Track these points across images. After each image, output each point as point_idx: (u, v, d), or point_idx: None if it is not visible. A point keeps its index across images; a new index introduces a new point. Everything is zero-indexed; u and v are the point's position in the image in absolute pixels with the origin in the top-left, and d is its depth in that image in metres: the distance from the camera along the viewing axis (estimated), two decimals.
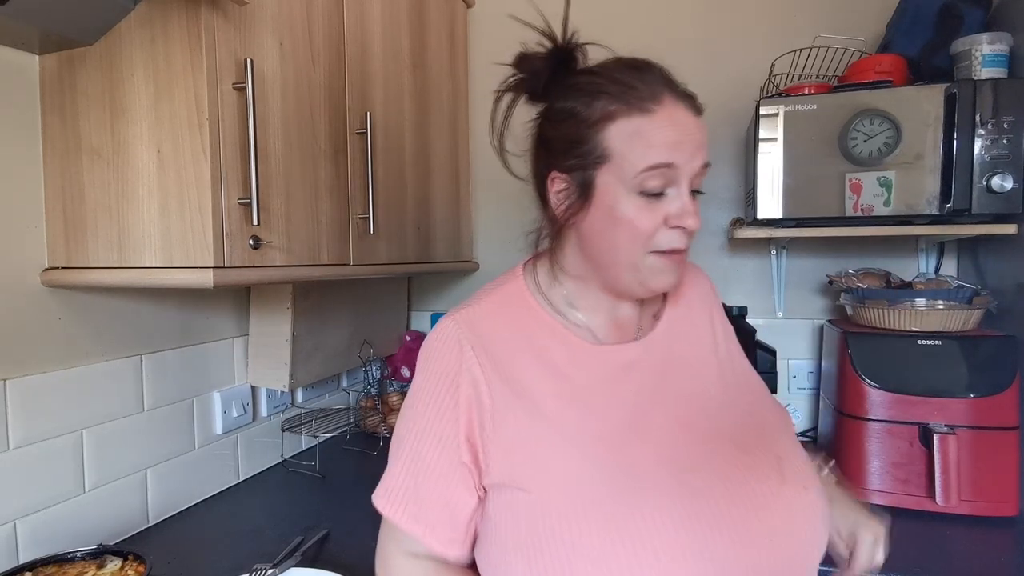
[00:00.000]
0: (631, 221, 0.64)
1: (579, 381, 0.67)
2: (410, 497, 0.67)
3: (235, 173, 0.91)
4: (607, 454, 0.63)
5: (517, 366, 0.68)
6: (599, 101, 0.65)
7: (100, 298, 1.08)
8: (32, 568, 0.89)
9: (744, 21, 1.62)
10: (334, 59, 1.15)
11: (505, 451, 0.64)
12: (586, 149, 0.66)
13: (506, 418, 0.65)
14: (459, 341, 0.68)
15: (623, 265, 0.66)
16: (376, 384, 1.81)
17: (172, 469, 1.23)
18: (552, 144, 0.70)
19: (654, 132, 0.63)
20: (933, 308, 1.24)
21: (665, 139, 0.63)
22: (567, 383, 0.67)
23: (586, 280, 0.72)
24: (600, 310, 0.73)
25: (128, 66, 0.91)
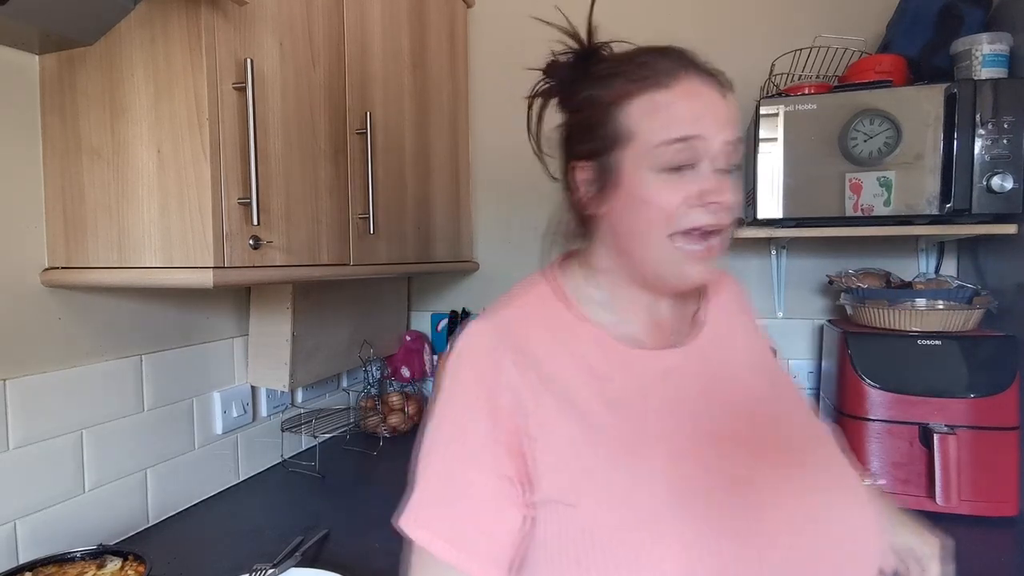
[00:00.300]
0: (653, 199, 0.61)
1: (619, 387, 0.63)
2: (445, 520, 0.60)
3: (235, 173, 0.91)
4: (656, 464, 0.59)
5: (558, 371, 0.63)
6: (615, 82, 0.63)
7: (100, 298, 1.08)
8: (32, 568, 0.89)
9: (744, 21, 1.62)
10: (334, 59, 1.15)
11: (555, 462, 0.59)
12: (605, 131, 0.64)
13: (554, 426, 0.60)
14: (495, 346, 0.64)
15: (653, 250, 0.63)
16: (376, 384, 1.81)
17: (172, 469, 1.23)
18: (573, 133, 0.69)
19: (673, 105, 0.61)
20: (933, 308, 1.24)
21: (685, 111, 0.61)
22: (607, 389, 0.63)
23: (619, 276, 0.68)
24: (636, 310, 0.69)
25: (128, 66, 0.91)
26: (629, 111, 0.62)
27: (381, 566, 1.02)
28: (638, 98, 0.62)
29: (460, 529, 0.59)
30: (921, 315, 1.25)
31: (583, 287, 0.70)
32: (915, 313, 1.25)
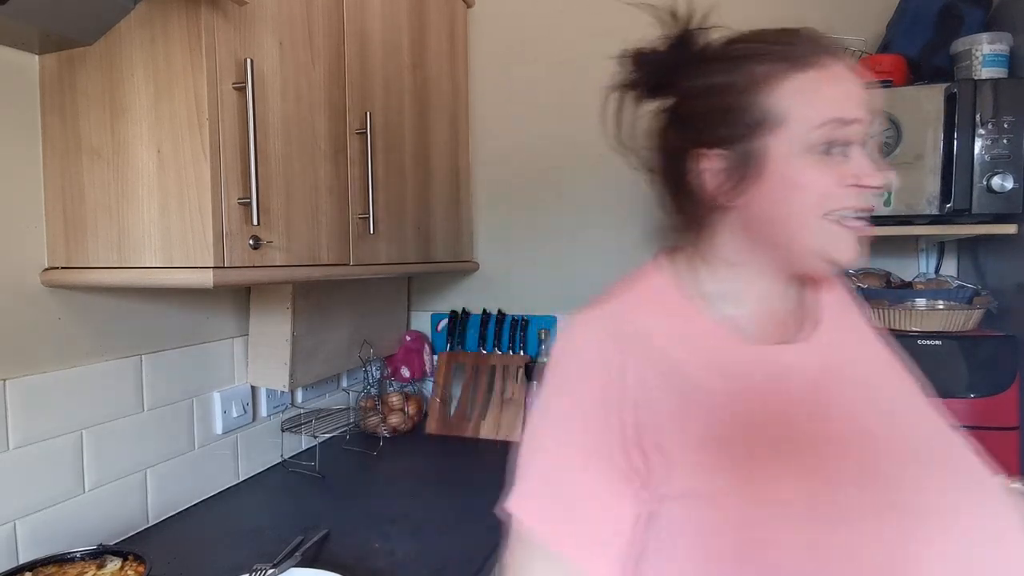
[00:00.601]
0: (809, 183, 0.58)
1: (745, 381, 0.60)
2: (557, 509, 0.58)
3: (235, 173, 0.91)
4: (792, 457, 0.56)
5: (679, 364, 0.60)
6: (759, 65, 0.60)
7: (100, 298, 1.08)
8: (32, 568, 0.89)
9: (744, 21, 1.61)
10: (334, 59, 1.15)
11: (683, 455, 0.57)
12: (747, 117, 0.60)
13: (679, 419, 0.58)
14: (614, 335, 0.61)
15: (806, 235, 0.60)
16: (376, 384, 1.81)
17: (172, 469, 1.23)
18: (695, 121, 0.64)
19: (829, 85, 0.58)
20: (933, 308, 1.24)
21: (841, 92, 0.58)
22: (734, 382, 0.60)
23: (750, 269, 0.65)
24: (761, 304, 0.66)
25: (128, 66, 0.91)
26: (778, 93, 0.59)
27: (381, 566, 1.02)
28: (788, 80, 0.59)
29: (571, 518, 0.58)
30: (921, 315, 1.25)
31: (703, 282, 0.66)
32: (915, 313, 1.25)
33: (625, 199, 1.75)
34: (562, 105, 1.79)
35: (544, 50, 1.80)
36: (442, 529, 1.15)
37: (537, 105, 1.81)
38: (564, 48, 1.78)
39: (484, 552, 1.07)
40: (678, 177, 0.66)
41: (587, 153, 1.78)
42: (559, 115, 1.79)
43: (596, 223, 1.78)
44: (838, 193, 0.59)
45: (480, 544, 1.09)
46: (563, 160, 1.80)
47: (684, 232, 0.68)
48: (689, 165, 0.64)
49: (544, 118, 1.80)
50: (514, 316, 1.84)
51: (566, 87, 1.78)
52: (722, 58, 0.63)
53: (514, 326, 1.83)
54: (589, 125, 1.77)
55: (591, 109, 1.90)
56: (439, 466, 1.50)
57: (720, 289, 0.65)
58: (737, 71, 0.61)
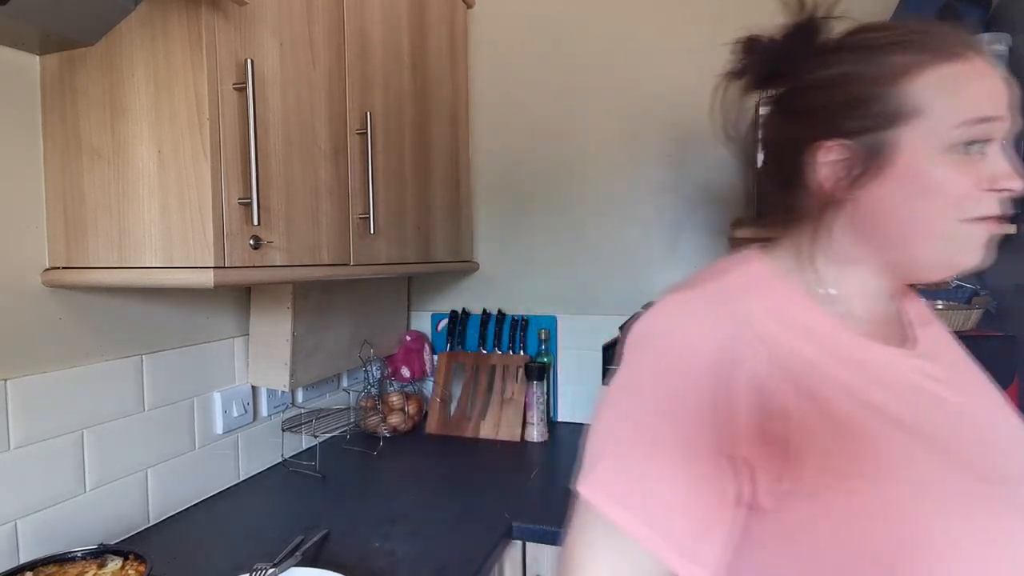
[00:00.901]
0: (945, 184, 0.55)
1: (878, 374, 0.57)
2: (638, 493, 0.52)
3: (235, 173, 0.91)
4: (944, 455, 0.54)
5: (803, 351, 0.56)
6: (894, 55, 0.56)
7: (100, 298, 1.08)
8: (33, 568, 0.89)
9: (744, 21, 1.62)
10: (334, 59, 1.15)
11: (830, 447, 0.52)
12: (879, 108, 0.56)
13: (817, 408, 0.53)
14: (725, 316, 0.56)
15: (930, 238, 0.57)
16: (376, 384, 1.81)
17: (172, 469, 1.23)
18: (819, 112, 0.60)
19: (973, 80, 0.55)
20: (932, 308, 1.24)
21: (986, 88, 0.55)
22: (866, 376, 0.56)
23: (860, 267, 0.61)
24: (868, 305, 0.62)
25: (128, 66, 0.91)
26: (917, 84, 0.55)
27: (381, 566, 1.03)
28: (929, 71, 0.55)
29: (654, 503, 0.52)
30: None
31: (810, 278, 0.62)
32: None
33: (625, 199, 1.76)
34: (562, 105, 1.79)
35: (544, 50, 1.80)
36: (442, 529, 1.15)
37: (537, 105, 1.81)
38: (564, 48, 1.78)
39: (484, 552, 1.07)
40: (790, 169, 0.63)
41: (587, 153, 1.78)
42: (559, 115, 1.79)
43: (596, 223, 1.79)
44: (975, 196, 0.55)
45: (480, 544, 1.09)
46: (563, 160, 1.80)
47: (791, 226, 0.65)
48: (805, 156, 0.61)
49: (544, 118, 1.81)
50: (514, 316, 1.85)
51: (566, 87, 1.78)
52: (852, 47, 0.59)
53: (514, 326, 1.83)
54: (589, 125, 1.77)
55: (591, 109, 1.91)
56: (439, 466, 1.50)
57: (829, 287, 0.62)
58: (870, 60, 0.58)
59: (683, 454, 0.52)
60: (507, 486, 1.36)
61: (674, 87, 1.69)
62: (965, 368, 0.67)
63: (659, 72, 1.71)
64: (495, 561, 1.11)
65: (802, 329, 0.58)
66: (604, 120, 1.76)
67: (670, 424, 0.53)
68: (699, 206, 1.70)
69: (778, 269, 0.63)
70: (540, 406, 1.69)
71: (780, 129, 0.65)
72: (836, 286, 0.62)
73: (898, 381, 0.57)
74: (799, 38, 0.63)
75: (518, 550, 1.21)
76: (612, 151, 1.76)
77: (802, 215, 0.63)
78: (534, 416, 1.68)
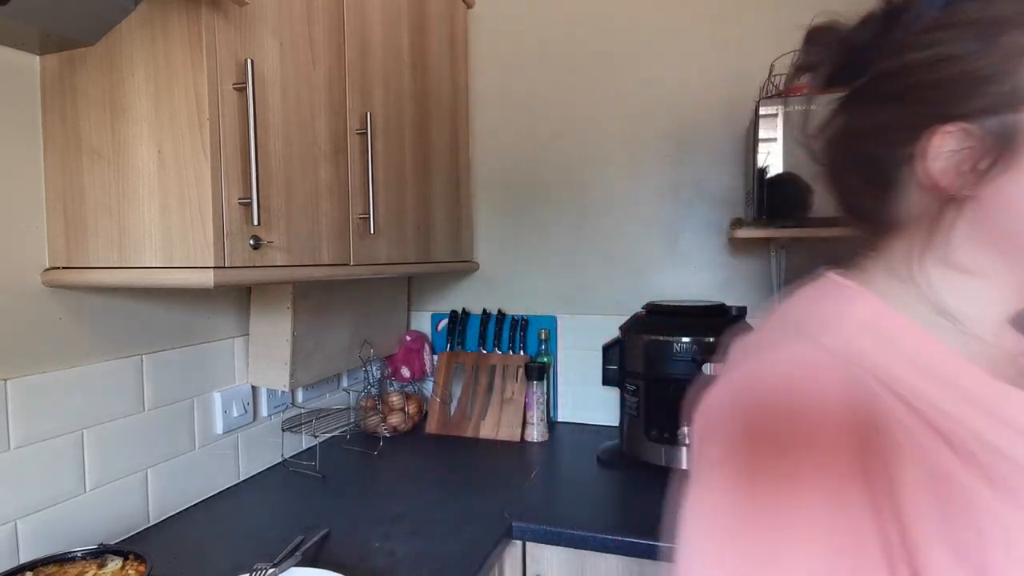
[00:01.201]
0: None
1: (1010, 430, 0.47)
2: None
3: (235, 173, 0.91)
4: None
5: (938, 402, 0.47)
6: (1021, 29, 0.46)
7: (100, 298, 1.08)
8: (33, 568, 0.89)
9: (744, 21, 1.62)
10: (334, 59, 1.15)
11: (962, 541, 0.42)
12: (1010, 87, 0.46)
13: (955, 491, 0.43)
14: (855, 375, 0.46)
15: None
16: (376, 384, 1.81)
17: (172, 469, 1.23)
18: (931, 91, 0.50)
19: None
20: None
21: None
22: (1004, 424, 0.47)
23: (988, 281, 0.51)
24: (994, 327, 0.52)
25: (128, 66, 0.91)
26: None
27: (381, 566, 1.03)
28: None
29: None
30: None
31: (927, 296, 0.52)
32: None
33: (626, 199, 1.76)
34: (563, 105, 1.79)
35: (544, 50, 1.80)
36: (442, 529, 1.15)
37: (537, 105, 1.81)
38: (564, 48, 1.78)
39: (484, 552, 1.07)
40: (890, 164, 0.53)
41: (588, 153, 1.78)
42: (560, 115, 1.79)
43: (596, 223, 1.79)
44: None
45: (480, 544, 1.09)
46: (564, 160, 1.80)
47: (887, 237, 0.55)
48: (911, 148, 0.51)
49: (545, 118, 1.81)
50: (514, 316, 1.85)
51: (566, 87, 1.78)
52: (965, 23, 0.49)
53: (514, 326, 1.83)
54: (589, 125, 1.78)
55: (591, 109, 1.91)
56: (439, 466, 1.50)
57: (951, 305, 0.51)
58: (992, 35, 0.48)
59: (847, 554, 0.40)
60: (507, 486, 1.36)
61: (674, 87, 1.69)
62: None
63: (659, 72, 1.71)
64: (495, 561, 1.11)
65: (936, 375, 0.48)
66: (604, 120, 1.76)
67: (818, 515, 0.41)
68: (699, 206, 1.70)
69: (884, 298, 0.52)
70: (540, 406, 1.69)
71: (875, 116, 0.54)
72: (959, 306, 0.51)
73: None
74: (892, 20, 0.53)
75: (518, 550, 1.21)
76: (612, 151, 1.76)
77: (905, 222, 0.52)
78: (534, 416, 1.68)
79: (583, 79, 1.77)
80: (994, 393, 0.48)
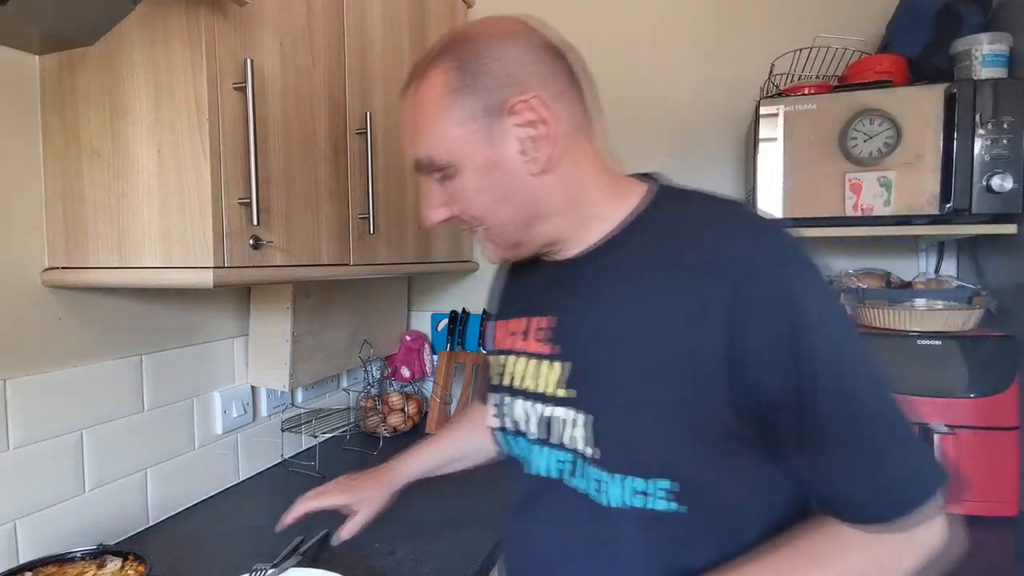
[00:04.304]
0: None
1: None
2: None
3: (235, 173, 0.91)
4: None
5: None
6: None
7: (100, 298, 1.08)
8: (32, 568, 0.89)
9: (744, 21, 1.62)
10: (334, 59, 1.15)
11: None
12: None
13: None
14: None
15: None
16: (376, 384, 1.81)
17: (172, 469, 1.23)
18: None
19: None
20: (933, 308, 1.24)
21: None
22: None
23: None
24: None
25: (128, 66, 0.91)
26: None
27: (381, 566, 1.03)
28: None
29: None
30: (921, 315, 1.25)
31: None
32: (915, 313, 1.25)
33: None
34: None
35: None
36: (442, 529, 1.15)
37: None
38: None
39: (484, 552, 1.07)
40: None
41: None
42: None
43: None
44: None
45: (480, 544, 1.09)
46: None
47: None
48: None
49: None
50: None
51: None
52: None
53: None
54: None
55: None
56: None
57: None
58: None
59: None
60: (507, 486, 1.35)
61: (675, 87, 1.69)
62: None
63: (660, 72, 1.70)
64: (495, 561, 1.11)
65: None
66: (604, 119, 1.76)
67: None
68: None
69: None
70: None
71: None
72: None
73: None
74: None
75: None
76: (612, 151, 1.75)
77: None
78: None
79: None
80: None
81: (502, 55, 0.61)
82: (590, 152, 0.68)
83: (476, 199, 0.64)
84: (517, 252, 0.70)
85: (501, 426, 0.75)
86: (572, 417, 0.64)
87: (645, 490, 0.60)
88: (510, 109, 0.61)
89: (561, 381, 0.65)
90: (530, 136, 0.62)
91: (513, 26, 0.64)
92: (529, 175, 0.63)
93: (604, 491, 0.62)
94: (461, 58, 0.62)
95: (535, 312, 0.71)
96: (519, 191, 0.64)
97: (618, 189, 0.70)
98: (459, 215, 0.67)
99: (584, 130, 0.68)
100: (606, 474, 0.61)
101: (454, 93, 0.61)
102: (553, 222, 0.67)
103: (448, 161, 0.63)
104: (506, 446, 0.76)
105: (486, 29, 0.64)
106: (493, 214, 0.65)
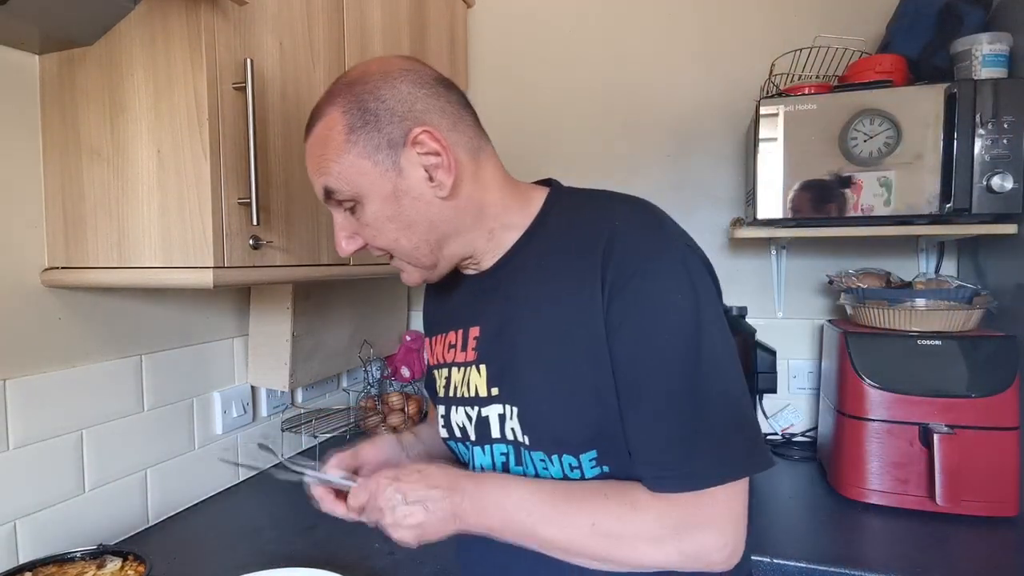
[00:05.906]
0: None
1: None
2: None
3: (235, 173, 0.91)
4: None
5: None
6: None
7: (100, 298, 1.08)
8: (32, 568, 0.89)
9: (744, 21, 1.62)
10: (334, 59, 1.15)
11: None
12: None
13: None
14: None
15: None
16: (376, 384, 1.81)
17: (172, 469, 1.23)
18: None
19: None
20: (933, 308, 1.24)
21: None
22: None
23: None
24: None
25: (128, 66, 0.91)
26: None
27: (381, 566, 1.02)
28: None
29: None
30: (921, 315, 1.25)
31: None
32: (915, 313, 1.25)
33: None
34: (562, 105, 1.79)
35: (544, 50, 1.80)
36: None
37: (537, 105, 1.81)
38: (564, 48, 1.78)
39: None
40: None
41: (588, 152, 1.78)
42: (558, 115, 1.79)
43: None
44: None
45: None
46: (564, 159, 1.80)
47: None
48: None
49: (544, 118, 1.80)
50: None
51: (565, 87, 1.78)
52: None
53: None
54: (589, 124, 1.77)
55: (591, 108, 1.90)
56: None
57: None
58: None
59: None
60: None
61: (675, 87, 1.69)
62: None
63: (659, 72, 1.70)
64: None
65: None
66: (604, 119, 1.76)
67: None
68: (699, 206, 1.70)
69: None
70: None
71: None
72: None
73: None
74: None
75: None
76: (612, 150, 1.75)
77: None
78: None
79: (583, 78, 1.77)
80: None
81: (398, 91, 0.66)
82: (490, 168, 0.74)
83: (386, 226, 0.69)
84: (434, 272, 0.76)
85: (449, 435, 0.80)
86: (503, 412, 0.70)
87: (579, 465, 0.66)
88: (412, 140, 0.66)
89: (487, 382, 0.72)
90: (432, 164, 0.67)
91: (404, 63, 0.69)
92: (437, 198, 0.68)
93: (548, 471, 0.69)
94: (360, 97, 0.66)
95: (467, 323, 0.77)
96: (427, 214, 0.69)
97: (522, 197, 0.75)
98: (371, 242, 0.73)
99: (483, 149, 0.74)
100: (544, 455, 0.68)
101: (357, 130, 0.66)
102: (464, 238, 0.72)
103: (354, 193, 0.68)
104: (456, 453, 0.82)
105: (379, 69, 0.68)
106: (406, 238, 0.70)
